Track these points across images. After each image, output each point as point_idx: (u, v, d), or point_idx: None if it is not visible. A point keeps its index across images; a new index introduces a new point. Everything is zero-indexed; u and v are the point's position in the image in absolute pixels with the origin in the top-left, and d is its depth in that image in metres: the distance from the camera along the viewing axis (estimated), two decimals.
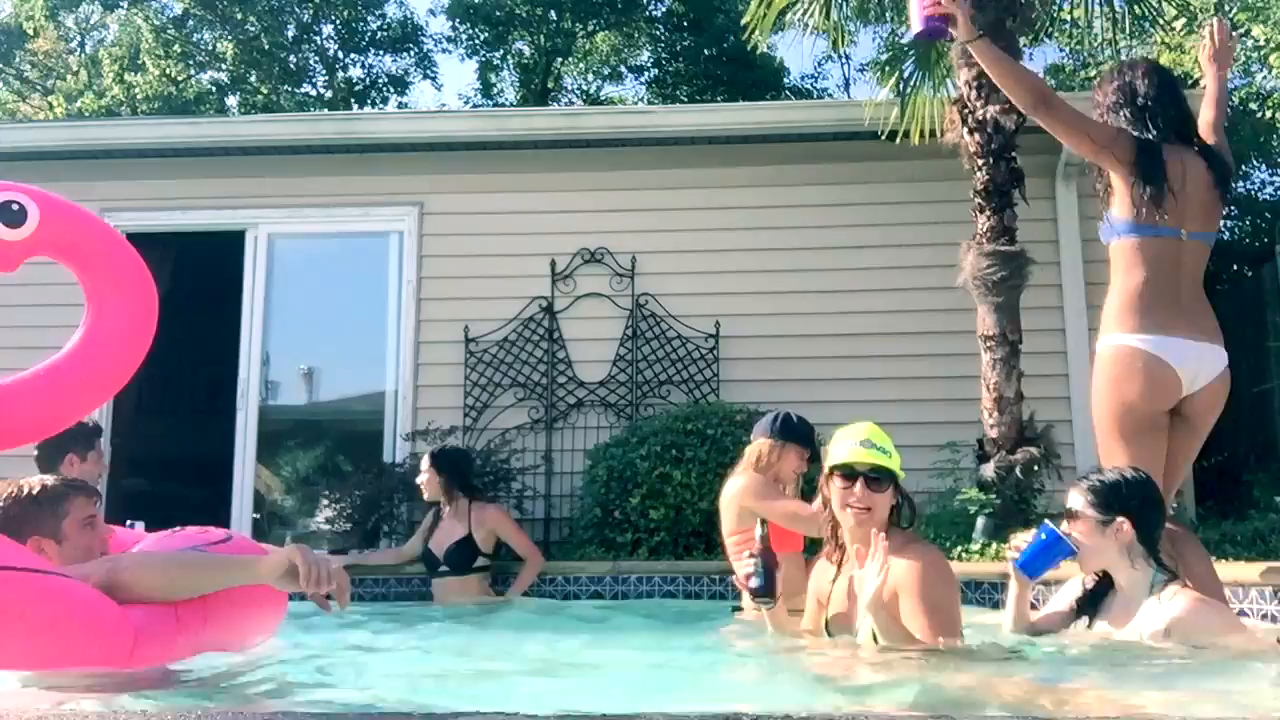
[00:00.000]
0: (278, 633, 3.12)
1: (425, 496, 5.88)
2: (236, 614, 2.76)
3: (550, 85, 21.57)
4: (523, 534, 5.90)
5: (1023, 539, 3.28)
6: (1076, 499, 3.13)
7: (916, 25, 3.59)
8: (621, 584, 5.74)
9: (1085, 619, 3.19)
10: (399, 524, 7.08)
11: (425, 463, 5.83)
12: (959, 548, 5.49)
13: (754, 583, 3.09)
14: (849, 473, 3.07)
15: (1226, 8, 11.02)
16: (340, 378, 8.70)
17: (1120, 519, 3.04)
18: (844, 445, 3.13)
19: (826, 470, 3.17)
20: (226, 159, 8.14)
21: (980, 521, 5.69)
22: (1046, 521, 3.21)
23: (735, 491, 4.30)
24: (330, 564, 2.61)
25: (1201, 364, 3.37)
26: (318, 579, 2.55)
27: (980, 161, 6.17)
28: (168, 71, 19.45)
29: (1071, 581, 3.35)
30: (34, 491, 2.74)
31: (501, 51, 21.68)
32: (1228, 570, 3.73)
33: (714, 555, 5.94)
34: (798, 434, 4.26)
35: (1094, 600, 3.17)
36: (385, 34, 21.04)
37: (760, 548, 3.11)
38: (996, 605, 4.90)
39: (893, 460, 3.09)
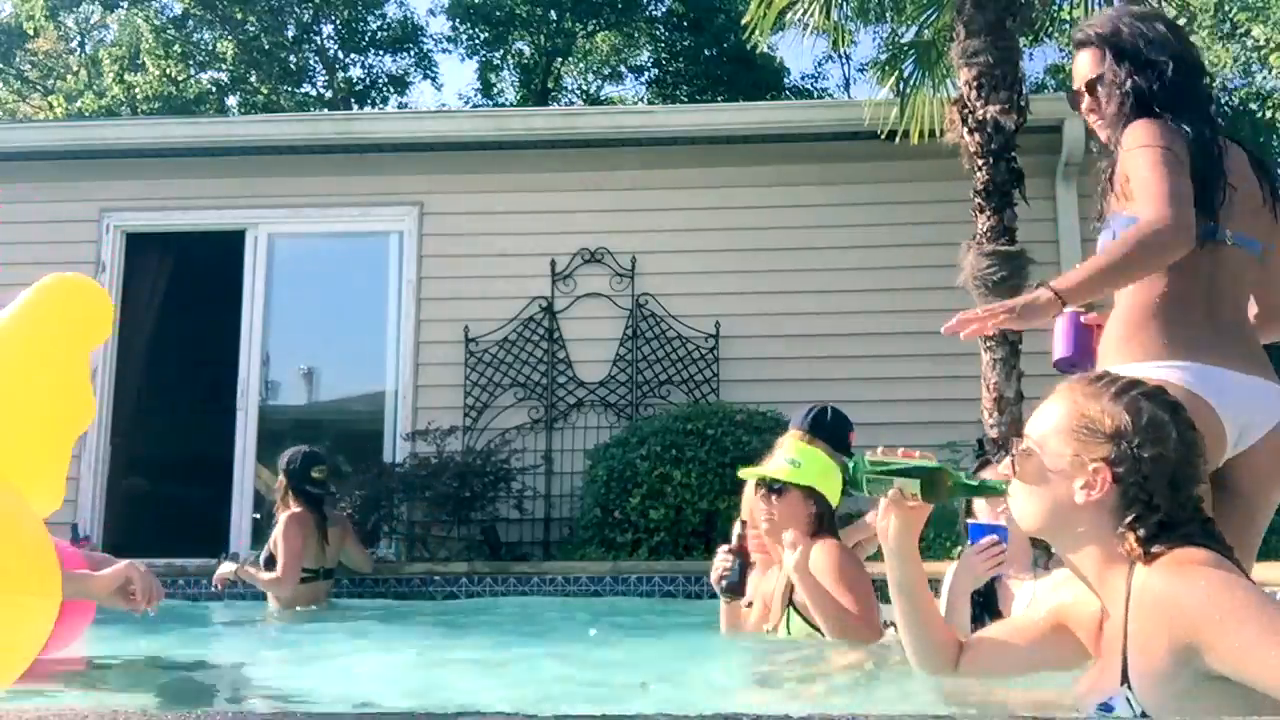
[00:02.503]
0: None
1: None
2: (72, 618, 2.74)
3: (550, 85, 21.57)
4: (286, 540, 5.13)
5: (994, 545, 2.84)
6: None
7: (1062, 351, 2.71)
8: (621, 584, 5.74)
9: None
10: (399, 524, 7.08)
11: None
12: (958, 548, 5.49)
13: (726, 581, 3.25)
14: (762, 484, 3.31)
15: (1227, 8, 11.01)
16: (340, 378, 8.71)
17: None
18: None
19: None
20: (226, 159, 8.14)
21: None
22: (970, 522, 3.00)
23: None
24: (157, 581, 2.68)
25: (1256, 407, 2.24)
26: (149, 595, 2.62)
27: (980, 161, 6.17)
28: (168, 71, 19.45)
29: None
30: None
31: (501, 51, 21.69)
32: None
33: (714, 555, 5.94)
34: (826, 430, 3.87)
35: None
36: (385, 34, 21.05)
37: (736, 546, 3.24)
38: None
39: (800, 473, 3.25)
